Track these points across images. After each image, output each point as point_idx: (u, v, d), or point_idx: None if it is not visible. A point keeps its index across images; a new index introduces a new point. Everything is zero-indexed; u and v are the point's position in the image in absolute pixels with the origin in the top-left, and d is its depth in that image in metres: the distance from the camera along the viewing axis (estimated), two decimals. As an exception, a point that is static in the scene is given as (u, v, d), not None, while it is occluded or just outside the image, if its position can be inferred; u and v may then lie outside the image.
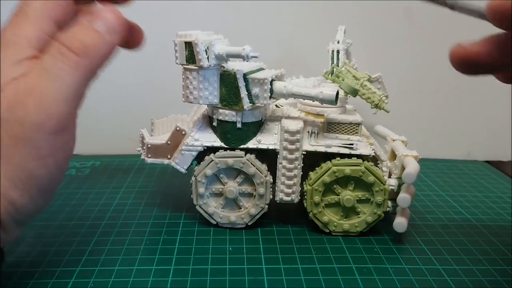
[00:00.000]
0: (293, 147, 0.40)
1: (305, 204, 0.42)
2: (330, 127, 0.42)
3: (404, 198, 0.40)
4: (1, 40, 0.29)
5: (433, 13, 0.61)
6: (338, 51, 0.50)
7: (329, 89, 0.38)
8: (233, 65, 0.40)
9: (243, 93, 0.39)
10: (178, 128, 0.41)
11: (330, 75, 0.42)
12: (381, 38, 0.63)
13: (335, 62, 0.50)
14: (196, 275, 0.35)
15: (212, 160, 0.40)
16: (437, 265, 0.38)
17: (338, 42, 0.51)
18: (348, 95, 0.42)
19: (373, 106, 0.42)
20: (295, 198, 0.42)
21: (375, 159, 0.44)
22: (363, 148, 0.41)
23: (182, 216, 0.46)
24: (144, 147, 0.43)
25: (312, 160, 0.42)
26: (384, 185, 0.40)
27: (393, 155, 0.46)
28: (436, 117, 0.66)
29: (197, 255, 0.38)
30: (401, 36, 0.63)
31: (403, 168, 0.42)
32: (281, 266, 0.37)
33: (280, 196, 0.42)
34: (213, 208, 0.42)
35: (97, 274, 0.35)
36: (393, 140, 0.47)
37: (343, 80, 0.42)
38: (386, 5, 0.61)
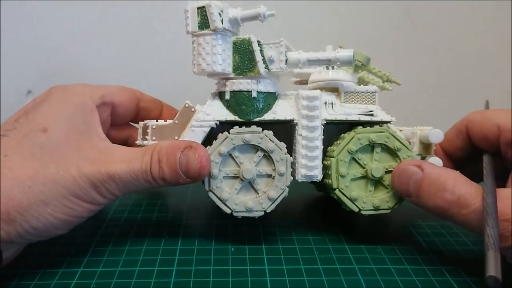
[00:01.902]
0: (313, 113, 0.38)
1: (329, 182, 0.38)
2: (347, 97, 0.40)
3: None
4: None
5: (433, 13, 0.63)
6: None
7: (344, 50, 0.37)
8: None
9: (258, 56, 0.37)
10: (187, 105, 0.38)
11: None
12: (382, 40, 0.64)
13: None
14: (198, 276, 0.34)
15: (227, 137, 0.37)
16: (439, 266, 0.36)
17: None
18: (358, 72, 0.42)
19: (384, 80, 0.42)
20: (319, 173, 0.38)
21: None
22: (383, 115, 0.40)
23: (183, 217, 0.45)
24: (148, 130, 0.39)
25: (327, 140, 0.40)
26: (410, 151, 0.38)
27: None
28: (442, 116, 0.66)
29: (199, 256, 0.37)
30: (402, 38, 0.64)
31: (420, 143, 0.41)
32: (284, 267, 0.35)
33: (302, 172, 0.38)
34: (227, 193, 0.37)
35: (99, 275, 0.34)
36: (400, 130, 0.46)
37: None
38: (387, 5, 0.63)
